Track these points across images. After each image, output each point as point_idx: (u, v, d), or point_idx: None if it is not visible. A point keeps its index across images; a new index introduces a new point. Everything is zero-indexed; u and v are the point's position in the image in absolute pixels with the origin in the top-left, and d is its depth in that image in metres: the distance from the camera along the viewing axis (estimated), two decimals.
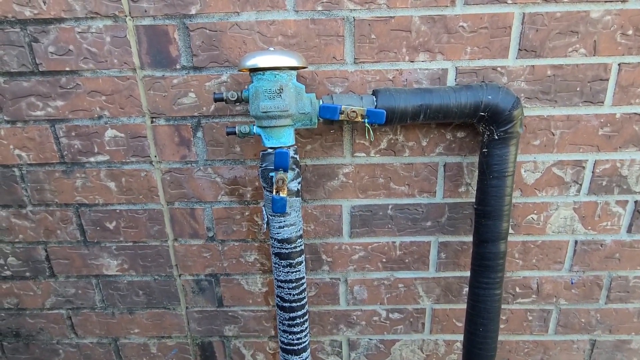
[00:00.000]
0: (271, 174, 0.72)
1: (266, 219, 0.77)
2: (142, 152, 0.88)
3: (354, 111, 0.71)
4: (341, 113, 0.71)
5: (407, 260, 0.96)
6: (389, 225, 0.93)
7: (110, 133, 0.86)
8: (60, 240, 0.96)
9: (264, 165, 0.73)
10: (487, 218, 0.79)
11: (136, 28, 0.78)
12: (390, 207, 0.91)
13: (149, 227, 0.94)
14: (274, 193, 0.71)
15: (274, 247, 0.78)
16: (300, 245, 0.79)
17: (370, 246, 0.95)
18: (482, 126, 0.77)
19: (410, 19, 0.77)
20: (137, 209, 0.92)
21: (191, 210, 0.92)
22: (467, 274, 0.96)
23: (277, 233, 0.76)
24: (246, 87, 0.73)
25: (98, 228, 0.94)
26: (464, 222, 0.92)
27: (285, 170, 0.70)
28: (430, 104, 0.73)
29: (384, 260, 0.96)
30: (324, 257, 0.96)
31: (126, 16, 0.78)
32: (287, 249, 0.77)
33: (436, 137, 0.86)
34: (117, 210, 0.93)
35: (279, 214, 0.74)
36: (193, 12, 0.77)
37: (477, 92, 0.73)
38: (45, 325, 1.06)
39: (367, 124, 0.74)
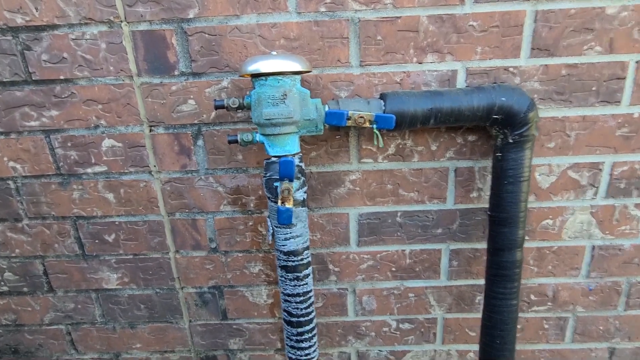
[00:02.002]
0: (276, 183, 0.69)
1: (271, 231, 0.74)
2: (141, 162, 0.84)
3: (361, 117, 0.68)
4: (348, 119, 0.68)
5: (417, 269, 0.93)
6: (398, 233, 0.89)
7: (107, 143, 0.83)
8: (58, 254, 0.93)
9: (268, 175, 0.70)
10: (502, 225, 0.76)
11: (132, 33, 0.75)
12: (399, 214, 0.88)
13: (150, 239, 0.91)
14: (280, 204, 0.68)
15: (280, 259, 0.74)
16: (307, 257, 0.75)
17: (379, 255, 0.91)
18: (495, 129, 0.74)
19: (418, 19, 0.74)
20: (137, 220, 0.89)
21: (193, 221, 0.89)
22: (480, 282, 0.92)
23: (283, 245, 0.73)
24: (248, 93, 0.70)
25: (97, 241, 0.91)
26: (476, 229, 0.89)
27: (291, 180, 0.67)
28: (441, 107, 0.70)
29: (394, 269, 0.93)
30: (331, 267, 0.93)
31: (122, 21, 0.75)
32: (293, 261, 0.73)
33: (446, 141, 0.82)
34: (116, 222, 0.89)
35: (284, 226, 0.71)
36: (191, 15, 0.74)
37: (490, 94, 0.70)
38: (44, 341, 1.03)
39: (375, 130, 0.70)
